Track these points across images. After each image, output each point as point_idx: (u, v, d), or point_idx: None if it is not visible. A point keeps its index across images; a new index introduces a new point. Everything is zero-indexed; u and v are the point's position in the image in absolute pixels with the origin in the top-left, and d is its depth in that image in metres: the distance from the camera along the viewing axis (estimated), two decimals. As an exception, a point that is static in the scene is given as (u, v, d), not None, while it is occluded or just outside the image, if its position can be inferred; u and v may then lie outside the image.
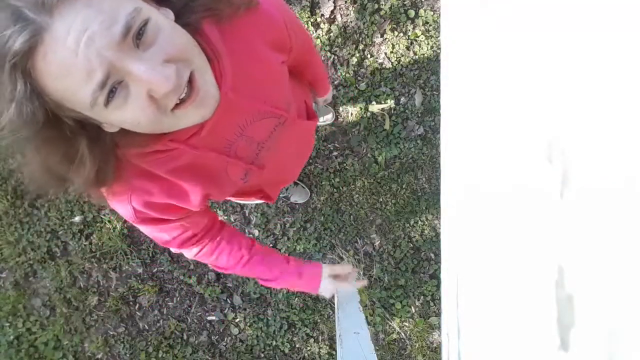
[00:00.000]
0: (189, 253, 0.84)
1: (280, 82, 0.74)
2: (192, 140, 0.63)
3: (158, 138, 0.60)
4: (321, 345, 1.96)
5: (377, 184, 1.88)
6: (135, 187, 0.65)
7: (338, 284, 0.92)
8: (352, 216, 1.90)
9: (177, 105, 0.52)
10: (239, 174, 0.76)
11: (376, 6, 1.79)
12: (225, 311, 2.00)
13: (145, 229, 0.74)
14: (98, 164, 0.55)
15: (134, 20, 0.46)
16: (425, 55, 1.80)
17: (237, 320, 2.00)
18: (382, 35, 1.81)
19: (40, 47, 0.43)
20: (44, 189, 0.57)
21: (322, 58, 1.84)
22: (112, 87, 0.47)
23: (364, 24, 1.80)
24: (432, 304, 1.88)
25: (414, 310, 1.90)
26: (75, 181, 0.56)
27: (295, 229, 1.92)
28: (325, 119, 1.83)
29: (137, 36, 0.47)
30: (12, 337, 2.10)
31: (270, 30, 0.68)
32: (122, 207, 0.67)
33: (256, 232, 1.95)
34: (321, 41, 1.82)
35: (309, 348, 1.97)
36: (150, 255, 2.01)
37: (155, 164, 0.64)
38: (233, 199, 1.01)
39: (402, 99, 1.83)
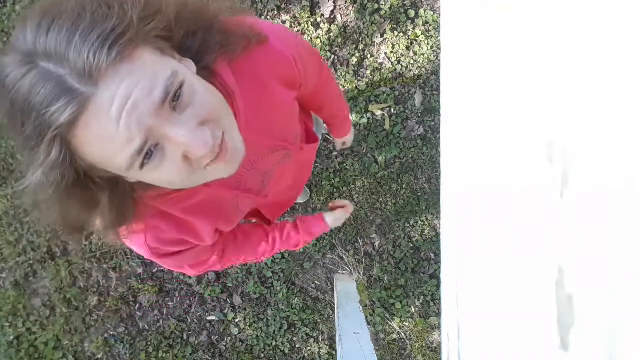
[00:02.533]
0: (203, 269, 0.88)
1: (290, 117, 0.75)
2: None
3: None
4: (321, 345, 1.96)
5: (377, 184, 1.88)
6: (150, 226, 0.66)
7: (338, 213, 1.07)
8: (352, 216, 1.90)
9: (208, 163, 0.53)
10: (248, 204, 0.78)
11: (376, 6, 1.79)
12: (225, 311, 2.00)
13: (162, 262, 0.76)
14: (117, 210, 0.56)
15: (172, 85, 0.46)
16: (425, 55, 1.80)
17: (237, 320, 2.00)
18: (382, 35, 1.81)
19: (83, 117, 0.43)
20: (62, 237, 0.59)
21: (323, 58, 1.84)
22: (149, 150, 0.47)
23: (364, 24, 1.80)
24: (432, 304, 1.88)
25: (414, 310, 1.90)
26: (92, 227, 0.57)
27: (295, 229, 1.92)
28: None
29: (173, 99, 0.47)
30: (12, 337, 2.10)
31: (280, 66, 0.68)
32: (137, 245, 0.69)
33: (256, 232, 1.95)
34: (321, 41, 1.82)
35: (309, 348, 1.97)
36: (150, 255, 2.01)
37: (169, 204, 0.65)
38: None
39: (402, 99, 1.83)
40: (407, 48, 1.81)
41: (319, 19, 1.82)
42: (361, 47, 1.82)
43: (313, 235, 1.04)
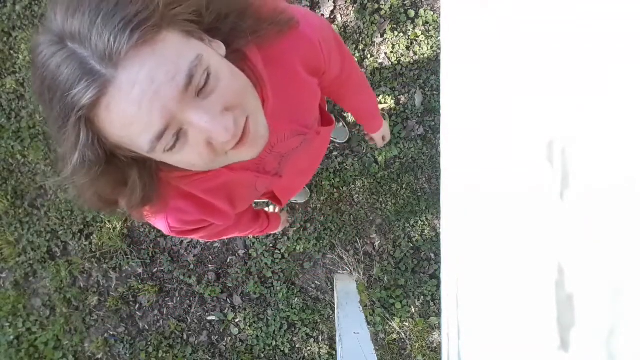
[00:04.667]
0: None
1: (313, 104, 0.76)
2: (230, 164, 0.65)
3: None
4: (321, 345, 1.96)
5: (377, 184, 1.88)
6: (173, 207, 0.67)
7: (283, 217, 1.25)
8: (352, 216, 1.90)
9: (231, 148, 0.53)
10: (265, 185, 0.79)
11: (376, 6, 1.79)
12: (225, 311, 2.00)
13: (177, 236, 0.78)
14: (143, 189, 0.57)
15: (197, 68, 0.46)
16: (425, 55, 1.80)
17: (237, 320, 2.00)
18: (382, 35, 1.81)
19: (104, 99, 0.43)
20: (95, 210, 0.60)
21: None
22: (172, 135, 0.47)
23: (364, 24, 1.80)
24: (432, 304, 1.88)
25: (414, 310, 1.90)
26: (123, 204, 0.58)
27: (295, 229, 1.92)
28: (337, 136, 1.84)
29: (197, 84, 0.47)
30: (12, 337, 2.10)
31: (307, 53, 0.67)
32: (159, 223, 0.71)
33: (256, 232, 1.95)
34: (321, 41, 1.82)
35: (309, 348, 1.97)
36: (150, 255, 2.01)
37: (192, 185, 0.66)
38: None
39: (402, 99, 1.83)
40: (407, 48, 1.81)
41: (319, 19, 1.82)
42: (361, 47, 1.82)
43: (274, 229, 1.24)
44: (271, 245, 1.94)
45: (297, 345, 1.98)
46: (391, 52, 1.81)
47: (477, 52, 0.15)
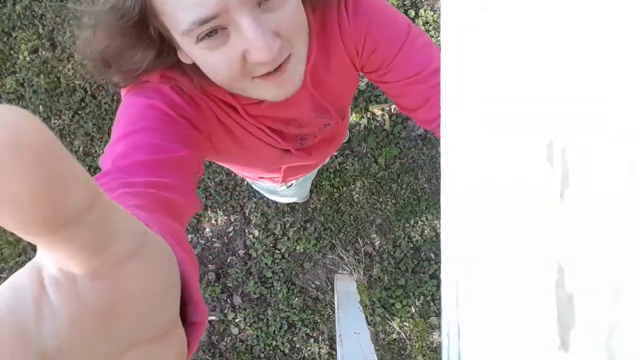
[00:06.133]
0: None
1: (349, 89, 0.72)
2: (248, 107, 0.61)
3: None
4: (321, 345, 1.96)
5: (377, 184, 1.88)
6: (163, 90, 0.56)
7: None
8: (352, 216, 1.90)
9: (261, 76, 0.50)
10: (274, 155, 0.73)
11: (376, 6, 1.79)
12: (225, 311, 2.00)
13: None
14: (150, 69, 0.53)
15: None
16: (425, 55, 1.80)
17: (237, 320, 2.00)
18: (382, 35, 1.81)
19: None
20: (87, 66, 0.55)
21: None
22: (213, 29, 0.45)
23: (364, 24, 1.80)
24: (432, 304, 1.88)
25: (414, 310, 1.90)
26: (118, 75, 0.54)
27: (295, 229, 1.92)
28: None
29: None
30: (12, 337, 2.10)
31: (355, 38, 0.61)
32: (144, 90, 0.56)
33: (256, 232, 1.95)
34: (321, 41, 1.82)
35: (309, 348, 1.97)
36: (150, 255, 2.01)
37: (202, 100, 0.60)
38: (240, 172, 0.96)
39: (402, 99, 1.83)
40: (407, 48, 1.81)
41: (319, 19, 1.82)
42: (361, 47, 1.82)
43: None
44: (271, 245, 1.94)
45: (297, 345, 1.98)
46: (391, 52, 1.81)
47: (477, 52, 0.15)
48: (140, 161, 0.46)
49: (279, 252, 1.94)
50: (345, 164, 1.88)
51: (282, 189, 1.22)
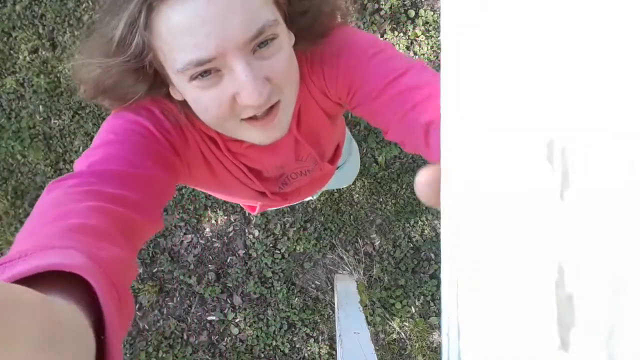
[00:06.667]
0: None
1: (330, 133, 0.72)
2: (230, 143, 0.62)
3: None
4: (321, 345, 1.96)
5: (377, 184, 1.88)
6: (151, 111, 0.58)
7: None
8: (352, 216, 1.90)
9: (248, 119, 0.52)
10: (250, 195, 0.75)
11: (376, 6, 1.79)
12: (225, 311, 2.00)
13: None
14: (142, 97, 0.54)
15: (269, 28, 0.46)
16: (425, 55, 1.80)
17: (237, 320, 2.00)
18: (382, 35, 1.81)
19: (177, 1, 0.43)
20: (79, 90, 0.56)
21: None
22: (207, 70, 0.47)
23: (364, 24, 1.80)
24: (432, 304, 1.88)
25: (414, 310, 1.90)
26: (109, 102, 0.56)
27: (295, 229, 1.92)
28: None
29: (259, 45, 0.47)
30: (12, 337, 2.10)
31: (339, 86, 0.60)
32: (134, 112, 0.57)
33: (256, 232, 1.95)
34: (321, 41, 1.82)
35: (309, 348, 1.97)
36: (150, 255, 2.01)
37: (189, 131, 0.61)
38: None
39: (402, 99, 1.83)
40: (407, 48, 1.81)
41: (319, 19, 1.82)
42: (361, 47, 1.82)
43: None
44: (271, 245, 1.94)
45: (297, 345, 1.98)
46: (391, 52, 1.81)
47: (477, 52, 0.15)
48: (114, 171, 0.48)
49: (279, 252, 1.94)
50: (345, 164, 1.88)
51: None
